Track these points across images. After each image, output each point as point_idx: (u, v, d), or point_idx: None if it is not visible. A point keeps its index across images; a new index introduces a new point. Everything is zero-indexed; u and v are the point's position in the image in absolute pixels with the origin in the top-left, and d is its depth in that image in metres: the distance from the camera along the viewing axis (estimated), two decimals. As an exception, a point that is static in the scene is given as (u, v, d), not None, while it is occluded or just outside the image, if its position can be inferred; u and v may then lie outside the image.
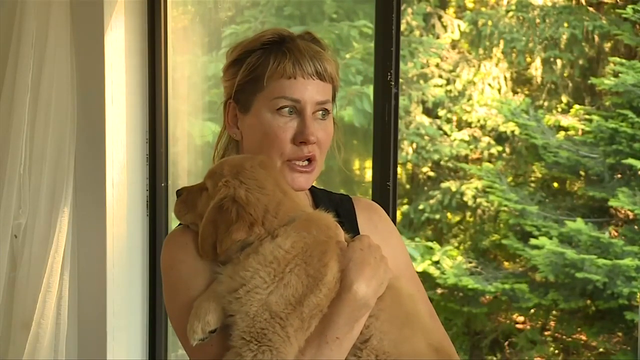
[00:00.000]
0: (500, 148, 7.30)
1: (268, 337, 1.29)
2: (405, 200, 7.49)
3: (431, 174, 7.51)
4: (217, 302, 1.36)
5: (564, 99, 7.28)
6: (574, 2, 7.19)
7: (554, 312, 6.95)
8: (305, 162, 1.52)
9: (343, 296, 1.35)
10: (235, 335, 1.32)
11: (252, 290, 1.31)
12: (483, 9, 7.46)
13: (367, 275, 1.37)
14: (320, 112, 1.53)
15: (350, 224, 1.63)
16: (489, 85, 7.35)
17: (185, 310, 1.39)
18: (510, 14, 7.21)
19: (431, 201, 7.25)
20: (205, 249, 1.40)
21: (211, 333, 1.36)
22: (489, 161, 7.26)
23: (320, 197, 1.66)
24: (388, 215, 1.77)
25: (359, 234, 1.61)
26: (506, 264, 7.31)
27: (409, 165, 7.48)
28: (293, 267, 1.33)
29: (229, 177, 1.41)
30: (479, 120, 7.30)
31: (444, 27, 7.42)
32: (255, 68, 1.53)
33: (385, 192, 2.47)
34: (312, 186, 1.67)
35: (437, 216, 7.25)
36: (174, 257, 1.46)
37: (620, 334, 6.70)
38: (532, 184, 7.28)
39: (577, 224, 6.40)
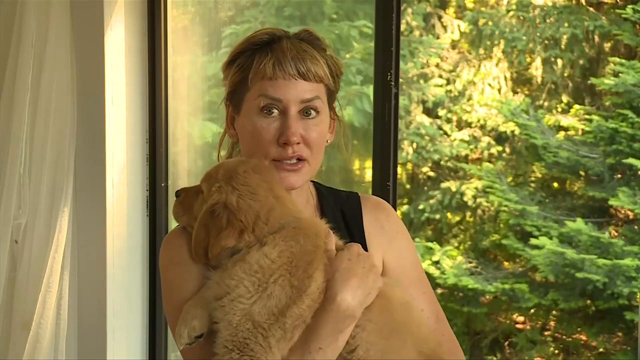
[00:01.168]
0: (500, 148, 7.30)
1: (250, 347, 1.30)
2: (405, 200, 7.49)
3: (431, 174, 7.50)
4: (204, 307, 1.36)
5: (564, 99, 7.28)
6: (574, 2, 7.19)
7: (554, 312, 6.95)
8: (294, 161, 1.49)
9: (327, 307, 1.34)
10: (218, 343, 1.32)
11: (235, 300, 1.32)
12: (483, 9, 7.46)
13: (353, 285, 1.35)
14: (307, 110, 1.49)
15: (355, 224, 1.61)
16: (489, 85, 7.35)
17: (177, 311, 1.40)
18: (511, 13, 7.21)
19: (431, 201, 7.25)
20: (197, 253, 1.40)
21: (197, 338, 1.36)
22: (489, 161, 7.25)
23: (325, 196, 1.64)
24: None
25: (364, 233, 1.60)
26: (506, 264, 7.31)
27: (409, 165, 7.48)
28: (277, 278, 1.33)
29: (222, 182, 1.40)
30: (479, 120, 7.30)
31: (444, 27, 7.42)
32: (244, 69, 1.51)
33: (385, 192, 2.47)
34: (318, 184, 1.67)
35: (437, 216, 7.25)
36: (169, 258, 1.47)
37: (620, 334, 6.70)
38: (532, 184, 7.28)
39: (577, 224, 6.39)
